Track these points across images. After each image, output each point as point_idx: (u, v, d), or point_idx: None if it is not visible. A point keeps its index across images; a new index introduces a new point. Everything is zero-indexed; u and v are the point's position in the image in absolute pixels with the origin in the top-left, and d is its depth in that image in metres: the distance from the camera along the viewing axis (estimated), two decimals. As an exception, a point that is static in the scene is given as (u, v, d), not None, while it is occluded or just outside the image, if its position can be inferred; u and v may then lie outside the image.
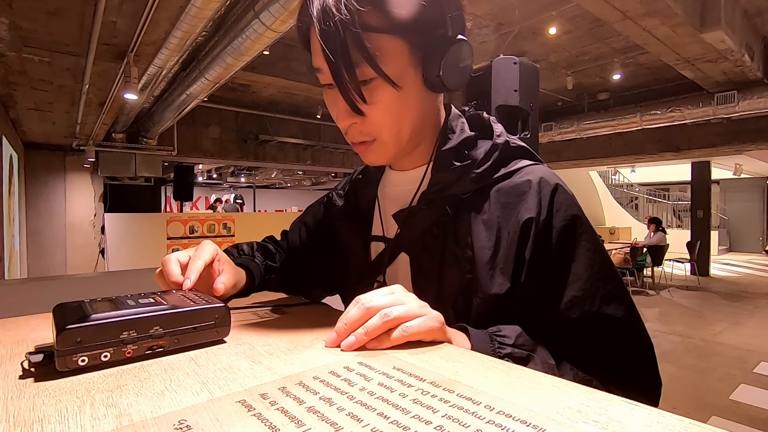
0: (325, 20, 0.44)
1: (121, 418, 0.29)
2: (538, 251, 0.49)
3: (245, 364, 0.39)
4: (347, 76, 0.45)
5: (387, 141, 0.52)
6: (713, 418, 2.78)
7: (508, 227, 0.51)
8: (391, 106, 0.49)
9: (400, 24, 0.46)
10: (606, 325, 0.49)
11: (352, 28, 0.44)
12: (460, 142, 0.55)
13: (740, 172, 10.69)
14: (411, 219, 0.57)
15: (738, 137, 6.51)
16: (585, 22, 4.51)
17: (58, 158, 6.81)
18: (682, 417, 0.28)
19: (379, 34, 0.45)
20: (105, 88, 3.97)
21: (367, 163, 0.58)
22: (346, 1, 0.44)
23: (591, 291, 0.49)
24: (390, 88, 0.48)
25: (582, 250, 0.50)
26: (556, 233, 0.50)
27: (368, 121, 0.50)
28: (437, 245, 0.54)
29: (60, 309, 0.42)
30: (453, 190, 0.54)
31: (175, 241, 6.81)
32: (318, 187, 17.70)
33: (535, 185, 0.51)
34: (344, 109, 0.49)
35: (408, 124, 0.52)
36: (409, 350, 0.42)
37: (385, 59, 0.46)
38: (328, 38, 0.45)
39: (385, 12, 0.45)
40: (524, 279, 0.50)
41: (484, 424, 0.28)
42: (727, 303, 6.14)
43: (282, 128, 8.13)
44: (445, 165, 0.55)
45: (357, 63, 0.45)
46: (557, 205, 0.50)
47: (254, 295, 0.70)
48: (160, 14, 2.69)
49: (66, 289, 1.65)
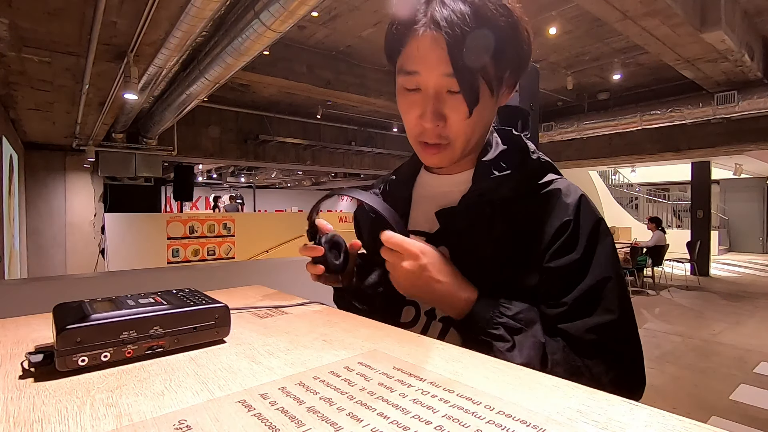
0: (457, 28, 0.51)
1: (121, 418, 0.29)
2: (569, 246, 0.56)
3: (245, 364, 0.39)
4: (469, 78, 0.53)
5: (457, 147, 0.59)
6: (713, 418, 2.78)
7: (544, 229, 0.57)
8: (472, 117, 0.56)
9: (500, 53, 0.54)
10: (607, 319, 0.55)
11: (475, 42, 0.51)
12: (498, 155, 0.62)
13: (740, 172, 10.69)
14: (452, 217, 0.63)
15: (738, 137, 6.51)
16: (585, 22, 4.51)
17: (58, 158, 6.81)
18: (682, 417, 0.28)
19: (489, 54, 0.53)
20: (105, 88, 3.97)
21: (429, 164, 0.66)
22: (469, 21, 0.51)
23: (604, 283, 0.55)
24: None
25: (605, 246, 0.57)
26: (586, 232, 0.56)
27: (450, 126, 0.57)
28: (475, 244, 0.60)
29: (60, 309, 0.42)
30: (491, 195, 0.60)
31: (175, 241, 6.81)
32: (318, 187, 17.69)
33: (565, 194, 0.59)
34: (433, 111, 0.56)
35: (477, 134, 0.60)
36: (409, 350, 0.42)
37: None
38: (456, 44, 0.51)
39: (495, 39, 0.53)
40: (552, 267, 0.56)
41: (484, 424, 0.28)
42: (727, 303, 6.14)
43: (282, 128, 8.13)
44: (485, 174, 0.61)
45: (479, 70, 0.53)
46: (584, 212, 0.58)
47: (254, 295, 0.70)
48: (160, 14, 2.69)
49: (66, 289, 1.65)
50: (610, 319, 0.54)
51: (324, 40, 5.13)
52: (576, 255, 0.55)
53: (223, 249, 7.27)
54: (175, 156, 7.09)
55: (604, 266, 0.56)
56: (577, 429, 0.27)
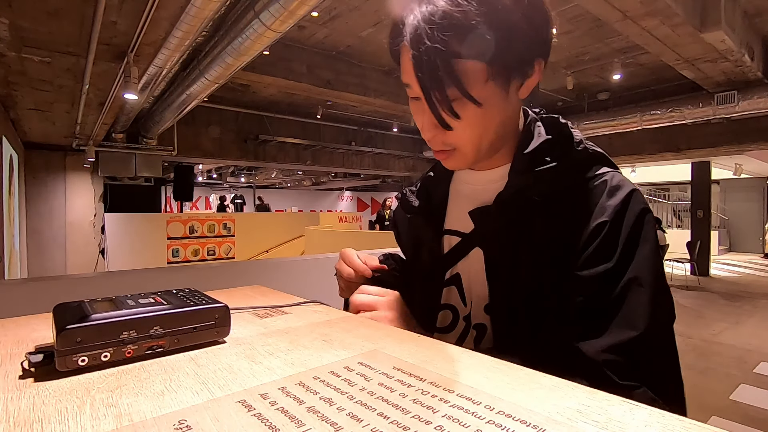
0: (418, 46, 0.48)
1: (121, 418, 0.29)
2: (605, 252, 0.50)
3: (245, 364, 0.39)
4: (438, 96, 0.50)
5: (467, 152, 0.55)
6: (713, 418, 2.78)
7: (581, 229, 0.52)
8: (474, 121, 0.52)
9: (483, 50, 0.49)
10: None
11: (441, 55, 0.48)
12: (539, 146, 0.57)
13: (740, 172, 10.68)
14: (487, 216, 0.59)
15: (738, 137, 6.51)
16: (585, 22, 4.51)
17: (58, 158, 6.81)
18: (682, 417, 0.28)
19: (465, 60, 0.49)
20: (105, 88, 3.97)
21: (447, 168, 0.62)
22: (436, 29, 0.47)
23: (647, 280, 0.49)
24: (473, 106, 0.51)
25: (644, 251, 0.51)
26: (625, 235, 0.50)
27: (450, 134, 0.54)
28: (511, 244, 0.56)
29: (60, 309, 0.42)
30: (530, 192, 0.55)
31: (175, 241, 6.81)
32: (318, 187, 17.69)
33: (611, 190, 0.53)
34: (429, 121, 0.53)
35: (488, 136, 0.55)
36: (409, 350, 0.42)
37: (470, 82, 0.50)
38: (421, 62, 0.49)
39: (469, 40, 0.48)
40: (577, 283, 0.51)
41: (484, 424, 0.28)
42: (727, 303, 6.14)
43: (282, 128, 8.14)
44: (524, 168, 0.56)
45: (445, 85, 0.49)
46: (631, 210, 0.51)
47: (254, 295, 0.70)
48: (160, 14, 2.69)
49: (66, 289, 1.65)
50: (632, 335, 0.46)
51: (324, 40, 5.13)
52: (610, 264, 0.49)
53: (223, 249, 7.27)
54: (175, 156, 7.09)
55: (638, 272, 0.49)
56: (577, 429, 0.27)
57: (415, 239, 0.71)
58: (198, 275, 2.07)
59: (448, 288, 0.65)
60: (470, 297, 0.62)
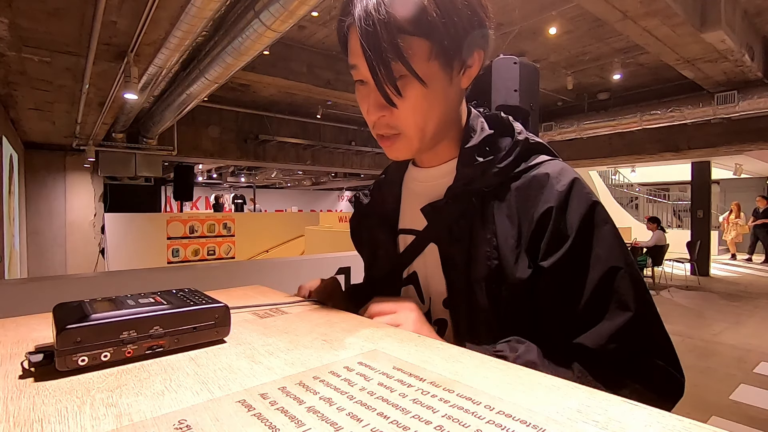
0: (366, 21, 0.49)
1: (121, 418, 0.29)
2: (558, 237, 0.52)
3: (245, 364, 0.39)
4: (383, 71, 0.50)
5: (411, 136, 0.56)
6: (713, 418, 2.78)
7: (529, 216, 0.54)
8: (418, 101, 0.53)
9: (428, 28, 0.50)
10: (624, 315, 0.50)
11: (388, 29, 0.49)
12: (482, 140, 0.59)
13: (740, 172, 10.68)
14: (439, 212, 0.60)
15: (738, 137, 6.51)
16: (585, 22, 4.51)
17: (58, 158, 6.81)
18: (682, 417, 0.28)
19: (410, 36, 0.50)
20: (105, 88, 3.97)
21: (391, 158, 0.61)
22: (384, 5, 0.49)
23: (613, 273, 0.51)
24: (418, 85, 0.52)
25: (604, 233, 0.52)
26: (576, 219, 0.52)
27: (396, 115, 0.54)
28: (464, 236, 0.57)
29: (60, 309, 0.42)
30: (477, 184, 0.57)
31: (175, 241, 6.82)
32: (318, 187, 17.69)
33: (554, 177, 0.54)
34: (375, 102, 0.54)
35: (432, 120, 0.55)
36: (409, 350, 0.42)
37: (415, 59, 0.51)
38: (368, 37, 0.49)
39: (415, 16, 0.50)
40: (546, 266, 0.52)
41: (484, 424, 0.28)
42: (727, 303, 6.14)
43: (282, 128, 8.13)
44: (470, 161, 0.58)
45: (391, 60, 0.50)
46: (576, 195, 0.53)
47: (254, 295, 0.70)
48: (160, 14, 2.69)
49: (66, 289, 1.65)
50: (628, 317, 0.49)
51: (324, 40, 5.13)
52: (564, 249, 0.51)
53: (223, 249, 7.28)
54: (175, 156, 7.08)
55: (607, 257, 0.50)
56: (577, 429, 0.27)
57: (371, 242, 0.72)
58: (198, 275, 2.08)
59: (405, 287, 0.66)
60: (428, 294, 0.63)
